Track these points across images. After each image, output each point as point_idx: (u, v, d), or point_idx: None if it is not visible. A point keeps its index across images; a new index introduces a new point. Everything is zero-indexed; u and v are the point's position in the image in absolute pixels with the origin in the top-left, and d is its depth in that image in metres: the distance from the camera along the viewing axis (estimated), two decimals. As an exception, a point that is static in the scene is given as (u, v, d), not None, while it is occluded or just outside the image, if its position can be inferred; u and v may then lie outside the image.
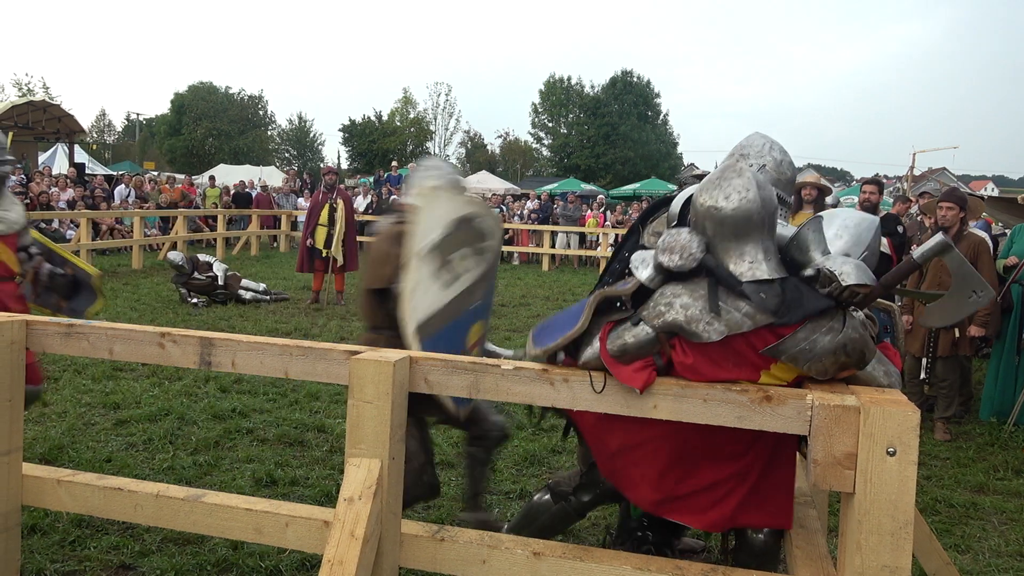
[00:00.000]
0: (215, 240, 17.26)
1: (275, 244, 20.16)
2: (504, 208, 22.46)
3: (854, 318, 2.34)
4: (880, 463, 1.97)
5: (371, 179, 26.43)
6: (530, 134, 60.53)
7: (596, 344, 2.41)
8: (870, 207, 7.39)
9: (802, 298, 2.31)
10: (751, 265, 2.35)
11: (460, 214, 3.11)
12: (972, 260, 6.17)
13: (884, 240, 6.91)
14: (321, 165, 45.47)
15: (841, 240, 2.55)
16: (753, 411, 2.16)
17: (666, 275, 2.43)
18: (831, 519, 3.77)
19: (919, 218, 10.11)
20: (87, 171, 23.61)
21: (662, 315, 2.35)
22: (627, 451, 2.64)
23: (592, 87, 57.75)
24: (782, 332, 2.30)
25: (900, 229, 7.23)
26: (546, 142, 59.76)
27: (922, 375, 6.35)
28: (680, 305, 2.33)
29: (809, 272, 2.36)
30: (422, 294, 2.88)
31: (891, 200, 12.60)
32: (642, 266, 2.49)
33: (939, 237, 2.52)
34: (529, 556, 2.33)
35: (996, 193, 33.08)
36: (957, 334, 6.18)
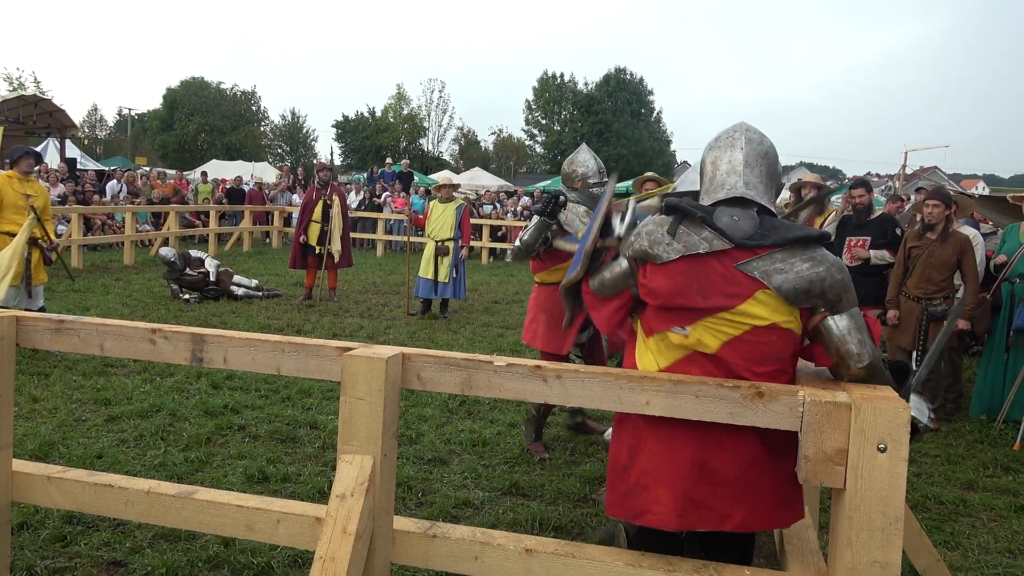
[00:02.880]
0: (207, 236, 17.20)
1: (268, 240, 20.10)
2: (497, 205, 22.44)
3: (840, 261, 2.36)
4: (871, 459, 1.98)
5: (364, 175, 26.36)
6: (523, 131, 60.55)
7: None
8: (863, 209, 7.42)
9: (782, 227, 2.38)
10: (736, 188, 2.44)
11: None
12: (957, 258, 6.26)
13: (885, 251, 6.95)
14: (314, 161, 45.35)
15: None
16: (745, 407, 2.16)
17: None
18: (822, 515, 3.79)
19: (907, 210, 10.14)
20: (78, 166, 23.50)
21: (631, 244, 2.53)
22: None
23: (586, 84, 57.78)
24: (759, 252, 2.34)
25: (899, 232, 7.19)
26: (539, 139, 59.76)
27: (913, 367, 6.42)
28: (646, 232, 2.48)
29: None
30: None
31: (883, 199, 12.63)
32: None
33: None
34: (521, 552, 2.33)
35: (987, 192, 33.25)
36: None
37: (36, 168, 7.91)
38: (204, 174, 24.43)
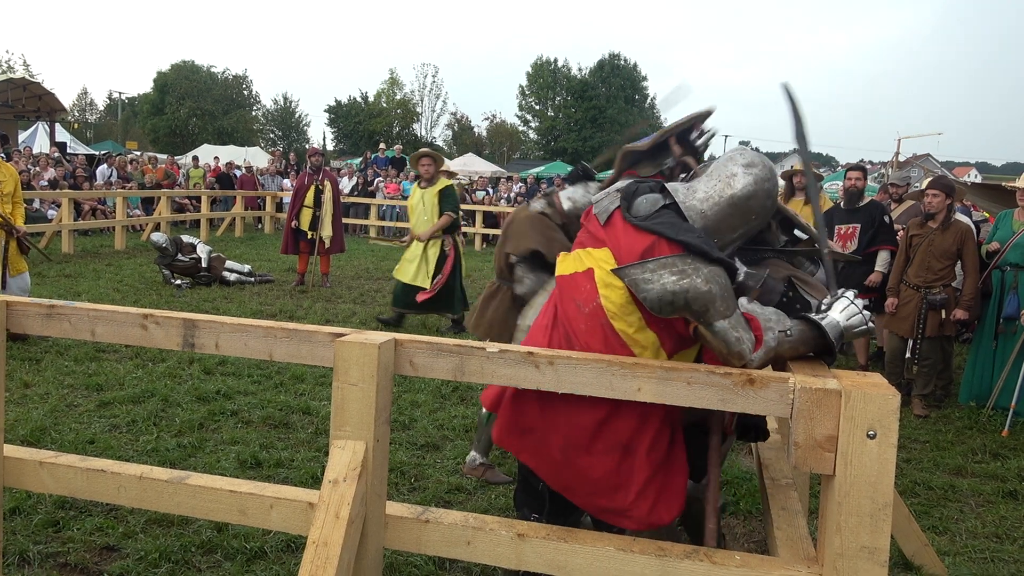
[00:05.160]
0: (199, 221, 17.12)
1: (260, 226, 20.01)
2: (490, 191, 22.38)
3: (714, 270, 2.27)
4: (860, 446, 1.99)
5: (358, 160, 26.26)
6: (517, 117, 60.43)
7: None
8: (856, 193, 7.47)
9: (672, 224, 2.35)
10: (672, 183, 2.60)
11: None
12: (958, 247, 6.32)
13: (886, 253, 7.02)
14: (307, 146, 45.14)
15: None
16: (736, 394, 2.17)
17: None
18: (812, 501, 3.82)
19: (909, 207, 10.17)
20: (69, 150, 23.34)
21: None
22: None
23: (580, 70, 57.62)
24: (630, 232, 2.39)
25: (887, 220, 7.28)
26: (533, 125, 59.64)
27: (907, 355, 6.55)
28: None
29: None
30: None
31: (876, 186, 12.61)
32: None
33: None
34: (513, 537, 2.34)
35: (979, 180, 33.35)
36: (944, 315, 6.36)
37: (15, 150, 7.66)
38: (195, 159, 24.29)
